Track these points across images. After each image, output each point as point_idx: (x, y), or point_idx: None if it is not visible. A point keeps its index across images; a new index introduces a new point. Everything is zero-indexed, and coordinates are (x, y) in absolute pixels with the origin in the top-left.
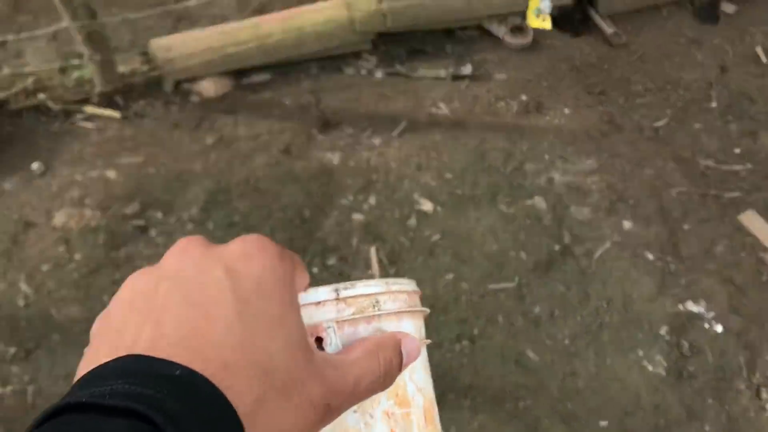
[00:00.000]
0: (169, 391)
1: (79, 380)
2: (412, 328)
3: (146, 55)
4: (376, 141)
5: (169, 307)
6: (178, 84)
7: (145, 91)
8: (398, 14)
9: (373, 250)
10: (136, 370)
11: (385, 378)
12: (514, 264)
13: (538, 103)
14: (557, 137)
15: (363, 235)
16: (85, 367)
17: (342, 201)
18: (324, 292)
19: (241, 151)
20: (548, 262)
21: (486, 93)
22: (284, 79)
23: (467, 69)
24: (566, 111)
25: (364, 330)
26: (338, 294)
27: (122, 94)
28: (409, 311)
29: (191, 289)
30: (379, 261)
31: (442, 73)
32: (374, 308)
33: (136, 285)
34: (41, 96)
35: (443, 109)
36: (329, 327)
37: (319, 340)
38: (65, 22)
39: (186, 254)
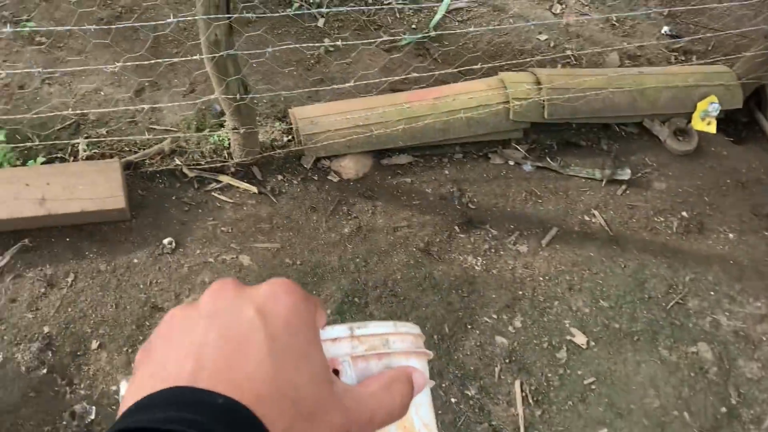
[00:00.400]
0: (215, 417)
1: (129, 408)
2: (419, 367)
3: (284, 121)
4: (523, 248)
5: (207, 342)
6: (317, 160)
7: (284, 164)
8: (557, 106)
9: (517, 386)
10: (184, 399)
11: (400, 410)
12: (676, 427)
13: (700, 223)
14: (723, 269)
15: (507, 363)
16: (131, 395)
17: (484, 318)
18: (340, 330)
19: (379, 246)
20: (713, 429)
21: (644, 204)
22: (426, 163)
23: (625, 174)
24: (731, 236)
25: (375, 366)
26: (353, 332)
27: (260, 166)
28: (416, 352)
29: (226, 327)
30: (524, 397)
31: (597, 173)
32: (384, 347)
33: (175, 321)
34: (177, 161)
35: (598, 219)
36: (345, 361)
37: (335, 373)
38: (216, 94)
39: (221, 294)
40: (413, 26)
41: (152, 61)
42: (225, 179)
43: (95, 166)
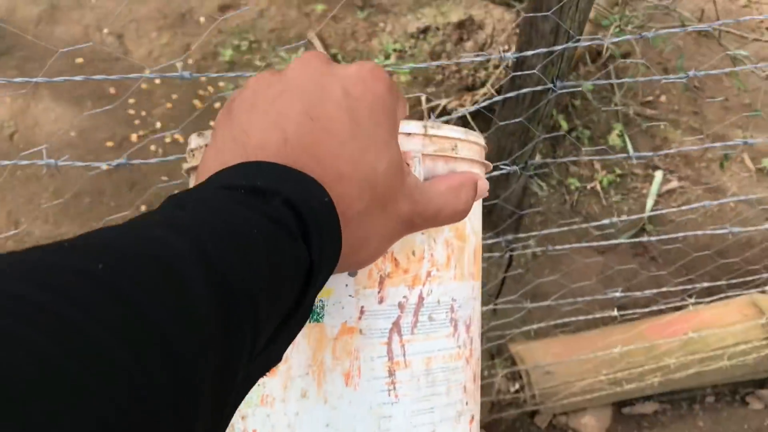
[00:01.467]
0: (300, 192)
1: (219, 173)
2: (481, 173)
3: (504, 358)
4: None
5: (292, 116)
6: (553, 417)
7: (513, 425)
8: None
9: None
10: (272, 172)
11: (462, 212)
12: None
13: None
14: None
15: None
16: (213, 158)
17: None
18: (415, 126)
19: None
20: None
21: None
22: (675, 410)
23: None
24: None
25: (441, 167)
26: (426, 131)
27: (487, 429)
28: (479, 161)
29: (312, 103)
30: None
31: None
32: (453, 151)
33: (260, 88)
34: None
35: None
36: (416, 157)
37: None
38: None
39: (309, 68)
40: (623, 215)
41: None
42: None
43: None
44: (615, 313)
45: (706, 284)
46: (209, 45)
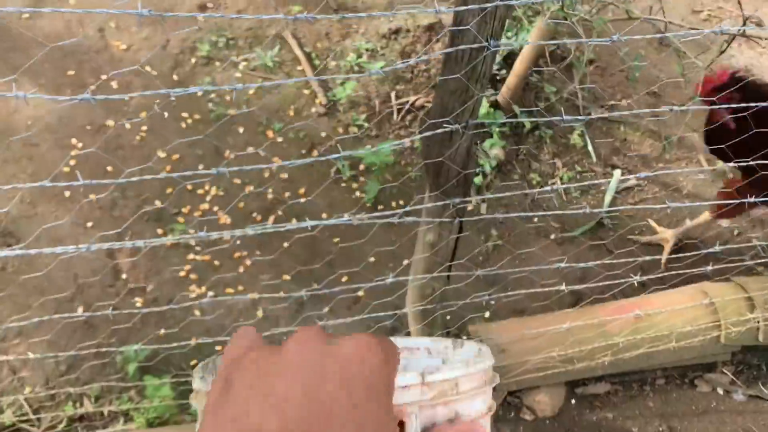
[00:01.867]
0: None
1: None
2: (483, 406)
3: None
4: None
5: (292, 399)
6: (508, 395)
7: None
8: None
9: None
10: None
11: None
12: None
13: None
14: None
15: None
16: None
17: None
18: (411, 377)
19: None
20: None
21: None
22: (626, 392)
23: None
24: None
25: (441, 412)
26: (424, 379)
27: None
28: (482, 390)
29: (311, 385)
30: None
31: None
32: (453, 391)
33: (260, 368)
34: None
35: None
36: (412, 413)
37: (401, 424)
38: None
39: (307, 348)
40: (582, 209)
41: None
42: None
43: None
44: (563, 287)
45: (660, 274)
46: (188, 41)
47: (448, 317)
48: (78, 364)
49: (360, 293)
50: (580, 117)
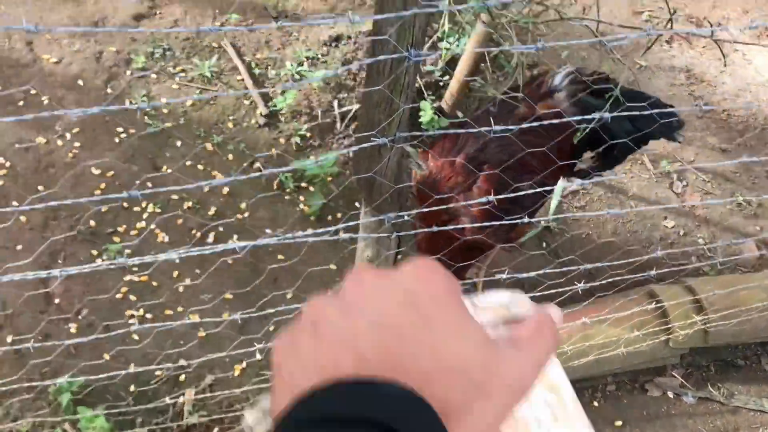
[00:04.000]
0: (390, 405)
1: (294, 404)
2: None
3: None
4: None
5: (362, 333)
6: None
7: None
8: (722, 332)
9: None
10: (354, 391)
11: (554, 347)
12: None
13: None
14: None
15: None
16: (285, 395)
17: None
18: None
19: None
20: None
21: None
22: (578, 396)
23: None
24: None
25: (503, 331)
26: (474, 305)
27: None
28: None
29: (377, 313)
30: None
31: (766, 404)
32: (506, 310)
33: (319, 314)
34: None
35: None
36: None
37: None
38: None
39: (364, 283)
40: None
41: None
42: None
43: None
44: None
45: (608, 279)
46: (122, 52)
47: None
48: (6, 399)
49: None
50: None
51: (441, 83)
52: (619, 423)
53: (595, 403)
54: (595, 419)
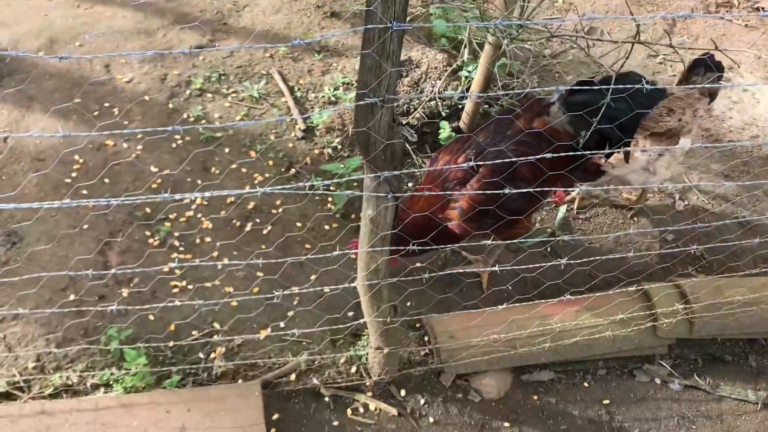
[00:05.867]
0: None
1: None
2: None
3: (418, 330)
4: None
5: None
6: (457, 377)
7: (422, 382)
8: (707, 324)
9: None
10: None
11: None
12: None
13: None
14: None
15: None
16: None
17: None
18: None
19: None
20: None
21: None
22: (569, 380)
23: None
24: None
25: None
26: None
27: (397, 383)
28: None
29: None
30: None
31: (751, 395)
32: None
33: None
34: (314, 381)
35: None
36: None
37: None
38: (366, 318)
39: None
40: (537, 224)
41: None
42: (363, 399)
43: (235, 390)
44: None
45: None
46: (183, 75)
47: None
48: (66, 344)
49: (326, 289)
50: None
51: (460, 106)
52: (606, 401)
53: (585, 384)
54: (584, 398)
